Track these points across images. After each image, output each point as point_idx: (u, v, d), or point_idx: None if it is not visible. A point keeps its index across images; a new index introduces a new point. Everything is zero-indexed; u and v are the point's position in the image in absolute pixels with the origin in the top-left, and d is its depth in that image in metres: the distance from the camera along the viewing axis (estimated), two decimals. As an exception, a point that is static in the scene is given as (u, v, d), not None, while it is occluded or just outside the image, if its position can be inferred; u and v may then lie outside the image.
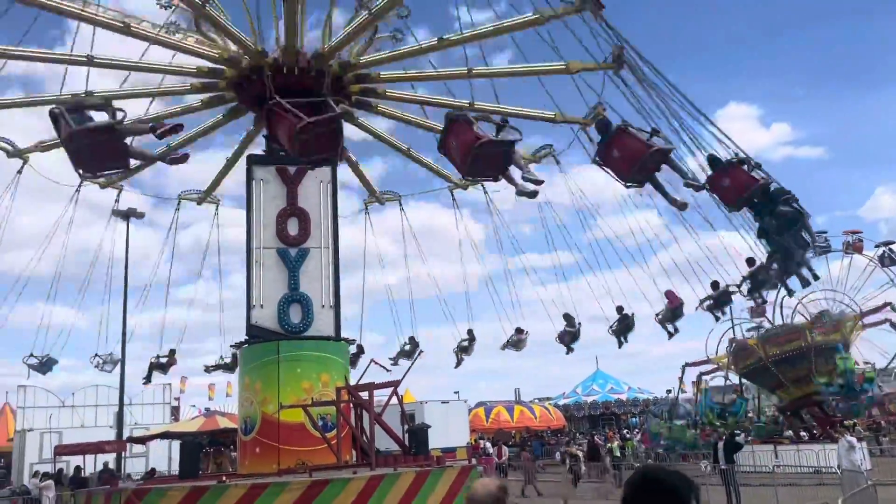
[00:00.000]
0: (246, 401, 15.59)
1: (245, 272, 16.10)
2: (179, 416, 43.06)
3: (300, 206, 16.32)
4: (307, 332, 15.68)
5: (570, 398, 53.76)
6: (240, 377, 16.09)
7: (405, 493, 12.28)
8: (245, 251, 16.28)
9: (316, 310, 15.84)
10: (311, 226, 16.26)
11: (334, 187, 16.91)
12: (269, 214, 16.20)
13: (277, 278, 15.93)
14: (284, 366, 15.16)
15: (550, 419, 46.35)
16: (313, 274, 16.08)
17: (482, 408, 45.75)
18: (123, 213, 26.91)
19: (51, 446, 28.73)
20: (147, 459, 31.89)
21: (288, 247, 16.09)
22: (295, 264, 16.02)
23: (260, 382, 15.29)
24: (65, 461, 26.54)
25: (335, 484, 11.80)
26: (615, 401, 51.26)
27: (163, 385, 40.51)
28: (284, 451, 14.59)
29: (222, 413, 32.00)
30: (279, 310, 15.67)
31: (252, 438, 15.15)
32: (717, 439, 21.72)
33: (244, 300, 15.93)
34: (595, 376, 54.33)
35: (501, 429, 43.03)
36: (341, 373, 15.85)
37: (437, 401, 34.30)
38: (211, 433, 28.65)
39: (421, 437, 15.30)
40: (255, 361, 15.53)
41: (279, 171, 16.43)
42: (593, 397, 52.07)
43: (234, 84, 16.92)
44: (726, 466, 19.16)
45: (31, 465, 30.27)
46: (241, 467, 15.88)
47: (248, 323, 15.79)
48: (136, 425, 34.78)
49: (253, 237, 16.13)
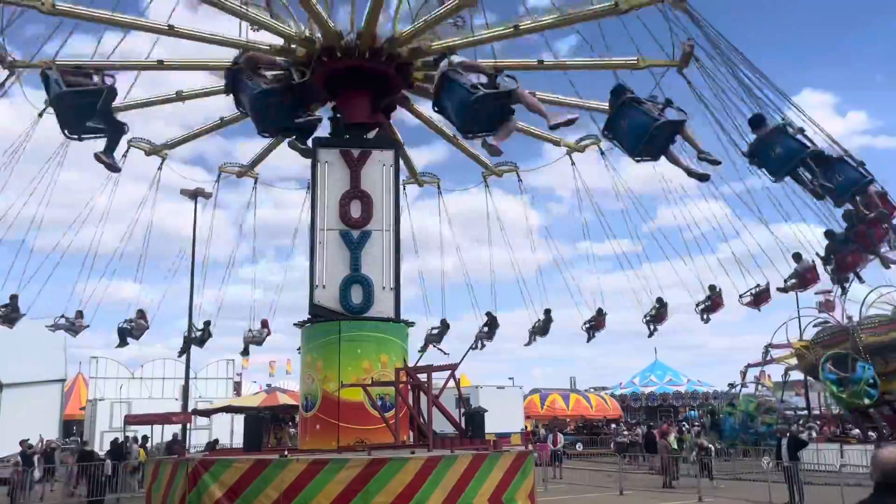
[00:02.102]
0: (307, 378, 15.94)
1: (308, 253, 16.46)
2: (241, 391, 44.29)
3: (363, 189, 16.47)
4: (367, 313, 15.89)
5: (627, 388, 53.14)
6: (302, 355, 16.43)
7: (462, 476, 12.33)
8: (309, 232, 16.59)
9: (377, 291, 16.02)
10: (373, 208, 16.42)
11: (396, 171, 17.00)
12: (332, 196, 16.42)
13: (339, 259, 16.16)
14: (345, 345, 15.42)
15: (606, 409, 45.92)
16: (374, 256, 16.25)
17: (537, 395, 45.63)
18: (191, 192, 27.73)
19: (120, 415, 29.98)
20: (210, 432, 32.98)
21: (350, 229, 16.28)
22: (357, 246, 16.21)
23: (321, 361, 15.58)
24: (133, 430, 27.65)
25: (393, 463, 11.94)
26: (673, 393, 50.45)
27: (226, 361, 41.85)
28: (344, 428, 14.86)
29: (283, 390, 32.79)
30: (341, 290, 15.90)
31: (313, 415, 15.49)
32: (780, 435, 21.12)
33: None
34: (653, 367, 53.56)
35: (556, 416, 42.86)
36: (400, 354, 16.02)
37: (493, 386, 34.44)
38: (272, 408, 29.46)
39: (478, 421, 15.35)
40: (317, 340, 15.83)
41: (343, 153, 16.62)
42: (651, 388, 51.35)
43: (303, 63, 17.11)
44: (790, 464, 18.66)
45: (102, 434, 31.72)
46: (301, 443, 16.24)
47: (311, 302, 16.09)
48: (200, 398, 36.02)
49: (317, 218, 16.39)
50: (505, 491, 12.83)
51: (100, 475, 20.23)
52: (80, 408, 40.10)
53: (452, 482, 12.16)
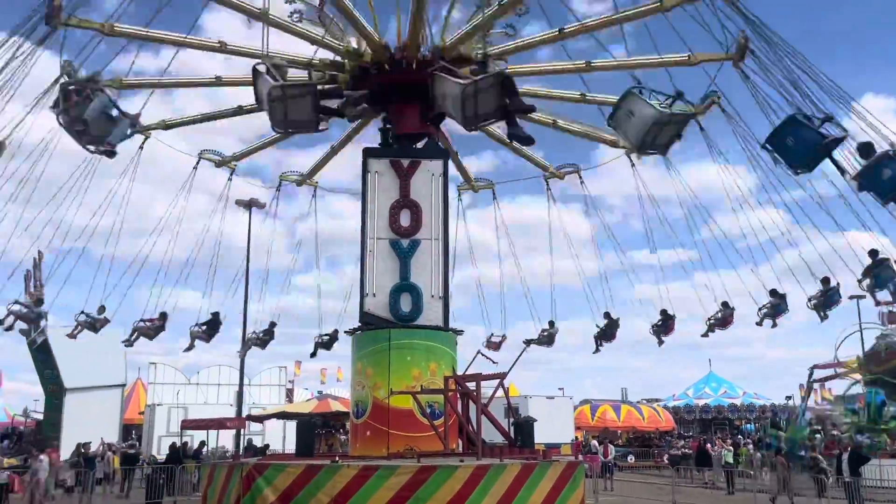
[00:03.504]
0: (358, 385, 16.15)
1: (358, 262, 16.69)
2: (293, 398, 44.94)
3: (412, 198, 16.68)
4: (417, 321, 16.04)
5: (681, 400, 52.06)
6: (352, 362, 16.65)
7: (511, 485, 12.33)
8: (360, 241, 16.82)
9: (426, 300, 16.17)
10: (422, 217, 16.60)
11: (445, 180, 17.16)
12: (382, 205, 16.66)
13: (389, 268, 16.37)
14: (395, 353, 15.59)
15: (659, 420, 45.05)
16: (423, 264, 16.42)
17: (588, 405, 45.06)
18: (246, 202, 28.38)
19: (177, 420, 30.74)
20: (263, 437, 33.55)
21: (400, 237, 16.49)
22: (406, 255, 16.40)
23: (371, 368, 15.78)
24: (189, 434, 28.32)
25: (443, 471, 12.02)
26: (728, 405, 49.19)
27: (279, 368, 42.55)
28: (394, 435, 15.02)
29: (334, 397, 33.18)
30: (391, 299, 16.10)
31: (363, 422, 15.68)
32: (841, 451, 20.46)
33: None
34: (707, 378, 52.31)
35: (607, 427, 42.26)
36: (449, 362, 16.12)
37: (542, 396, 34.21)
38: (323, 415, 29.84)
39: (527, 430, 15.34)
40: (368, 348, 16.04)
41: (393, 163, 16.86)
42: (705, 400, 50.10)
43: (353, 77, 17.45)
44: (851, 479, 18.07)
45: (160, 438, 32.55)
46: (352, 449, 16.45)
47: (362, 310, 16.33)
48: (253, 405, 36.66)
49: (367, 227, 16.63)
50: (554, 501, 12.79)
51: (157, 478, 20.81)
52: (139, 412, 41.20)
53: (501, 491, 12.17)
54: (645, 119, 11.05)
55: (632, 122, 11.45)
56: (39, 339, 21.49)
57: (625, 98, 11.56)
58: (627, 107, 11.46)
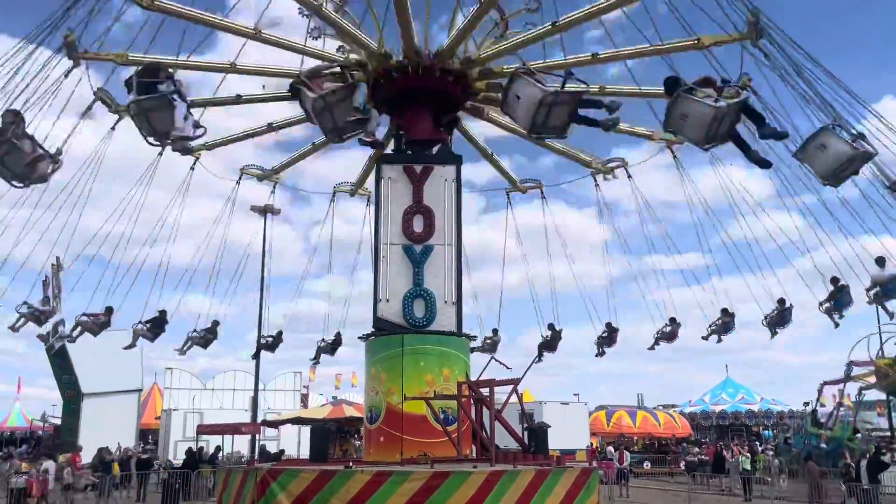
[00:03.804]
0: (371, 391, 16.18)
1: (372, 267, 16.76)
2: (308, 403, 45.09)
3: (425, 204, 16.72)
4: (430, 326, 16.06)
5: (697, 406, 51.69)
6: (366, 368, 16.69)
7: (524, 491, 12.29)
8: (373, 247, 16.89)
9: (439, 305, 16.18)
10: (435, 223, 16.63)
11: (458, 186, 17.18)
12: (395, 211, 16.72)
13: (403, 274, 16.41)
14: (408, 359, 15.62)
15: (675, 427, 44.71)
16: (437, 270, 16.44)
17: (603, 411, 44.80)
18: (261, 208, 28.66)
19: (193, 425, 30.96)
20: (278, 442, 33.68)
21: (413, 243, 16.53)
22: (419, 260, 16.44)
23: (385, 374, 15.81)
24: (205, 440, 28.50)
25: (456, 476, 12.01)
26: (746, 411, 48.78)
27: (294, 373, 42.73)
28: (407, 441, 15.03)
29: (349, 402, 33.25)
30: (404, 304, 16.14)
31: (377, 427, 15.70)
32: (858, 457, 20.20)
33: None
34: (724, 384, 51.95)
35: (623, 434, 42.00)
36: (462, 368, 16.11)
37: (557, 402, 34.06)
38: (338, 420, 29.92)
39: (541, 436, 15.27)
40: (381, 353, 16.08)
41: (406, 169, 16.92)
42: (722, 406, 49.75)
43: (368, 81, 17.48)
44: (869, 487, 17.83)
45: (176, 443, 32.78)
46: (366, 454, 16.48)
47: (375, 316, 16.38)
48: (268, 410, 36.84)
49: (381, 233, 16.69)
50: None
51: (173, 482, 20.96)
52: (155, 417, 41.53)
53: (515, 497, 12.15)
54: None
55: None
56: (57, 345, 21.68)
57: None
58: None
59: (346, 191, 23.62)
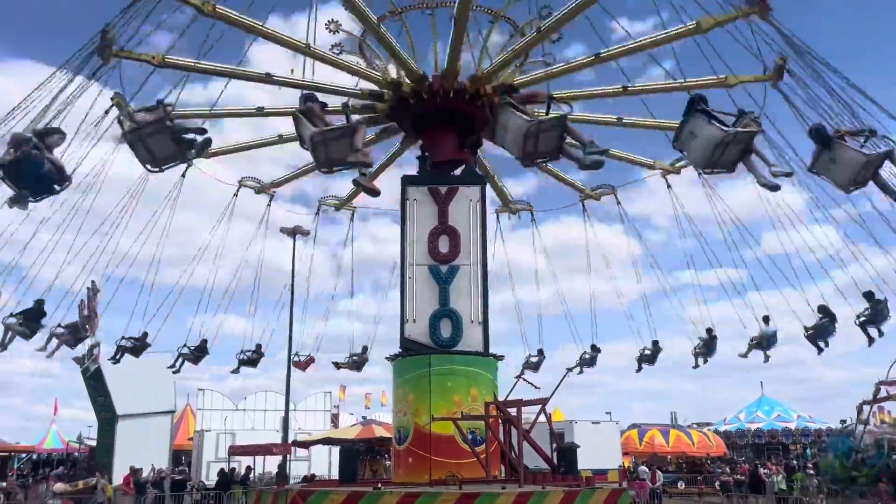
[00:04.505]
0: (399, 411, 16.21)
1: (399, 287, 16.87)
2: (338, 423, 45.19)
3: (450, 225, 16.82)
4: (457, 346, 16.08)
5: (732, 424, 50.70)
6: (394, 388, 16.74)
7: (553, 512, 12.20)
8: (399, 267, 17.02)
9: (465, 325, 16.21)
10: (460, 243, 16.71)
11: (483, 206, 17.28)
12: (421, 232, 16.84)
13: (429, 294, 16.49)
14: (436, 379, 15.63)
15: (710, 446, 43.93)
16: (463, 290, 16.50)
17: (635, 430, 44.21)
18: (290, 230, 29.03)
19: (225, 446, 31.19)
20: (309, 463, 33.76)
21: (439, 264, 16.61)
22: (445, 280, 16.50)
23: (413, 394, 15.84)
24: (237, 460, 28.71)
25: (484, 498, 11.97)
26: (782, 430, 47.70)
27: (324, 393, 42.92)
28: (436, 462, 14.99)
29: (378, 422, 33.26)
30: (430, 324, 16.19)
31: (405, 448, 15.71)
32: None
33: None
34: (760, 402, 50.86)
35: (656, 453, 41.39)
36: (490, 388, 16.07)
37: (588, 420, 33.69)
38: (367, 441, 29.94)
39: (570, 457, 15.16)
40: (408, 374, 16.12)
41: (431, 190, 17.07)
42: (758, 424, 48.72)
43: (392, 106, 17.78)
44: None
45: (209, 463, 33.06)
46: (394, 475, 16.48)
47: (402, 336, 16.45)
48: (299, 430, 36.96)
49: (406, 254, 16.80)
50: (598, 528, 12.58)
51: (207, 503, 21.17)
52: (188, 438, 41.91)
53: (544, 518, 12.04)
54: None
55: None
56: (93, 367, 22.08)
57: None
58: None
59: (332, 205, 23.85)
